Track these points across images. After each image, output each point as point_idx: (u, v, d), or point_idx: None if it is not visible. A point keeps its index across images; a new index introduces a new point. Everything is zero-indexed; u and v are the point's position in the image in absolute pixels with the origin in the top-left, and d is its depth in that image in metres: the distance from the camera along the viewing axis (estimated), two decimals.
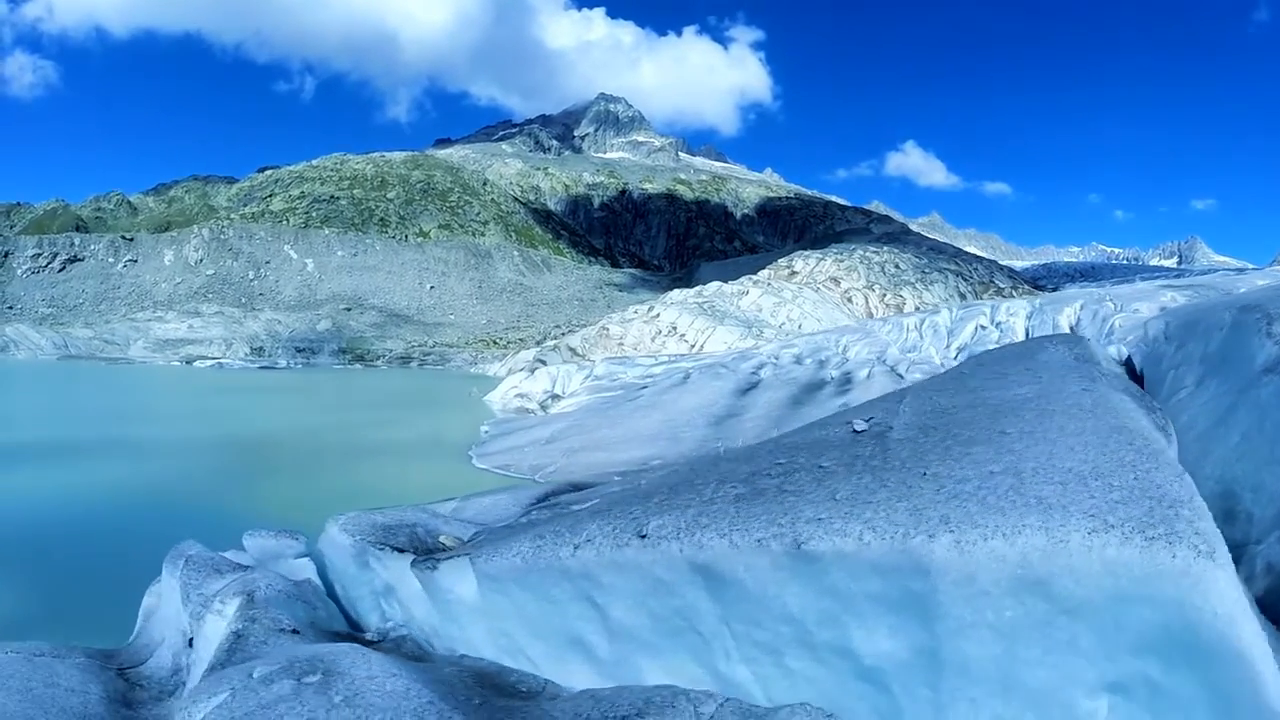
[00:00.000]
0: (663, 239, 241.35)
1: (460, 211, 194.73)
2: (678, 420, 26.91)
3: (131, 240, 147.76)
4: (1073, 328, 34.47)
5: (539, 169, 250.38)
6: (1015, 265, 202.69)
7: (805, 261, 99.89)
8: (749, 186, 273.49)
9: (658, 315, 76.46)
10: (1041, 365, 5.91)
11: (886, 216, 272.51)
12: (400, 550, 4.72)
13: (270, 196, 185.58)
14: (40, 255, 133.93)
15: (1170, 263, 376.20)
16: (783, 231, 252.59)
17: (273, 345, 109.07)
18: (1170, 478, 3.14)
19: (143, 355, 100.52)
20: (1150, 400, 6.86)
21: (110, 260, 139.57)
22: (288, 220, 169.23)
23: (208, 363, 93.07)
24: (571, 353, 74.28)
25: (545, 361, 65.24)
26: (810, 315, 78.70)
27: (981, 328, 39.92)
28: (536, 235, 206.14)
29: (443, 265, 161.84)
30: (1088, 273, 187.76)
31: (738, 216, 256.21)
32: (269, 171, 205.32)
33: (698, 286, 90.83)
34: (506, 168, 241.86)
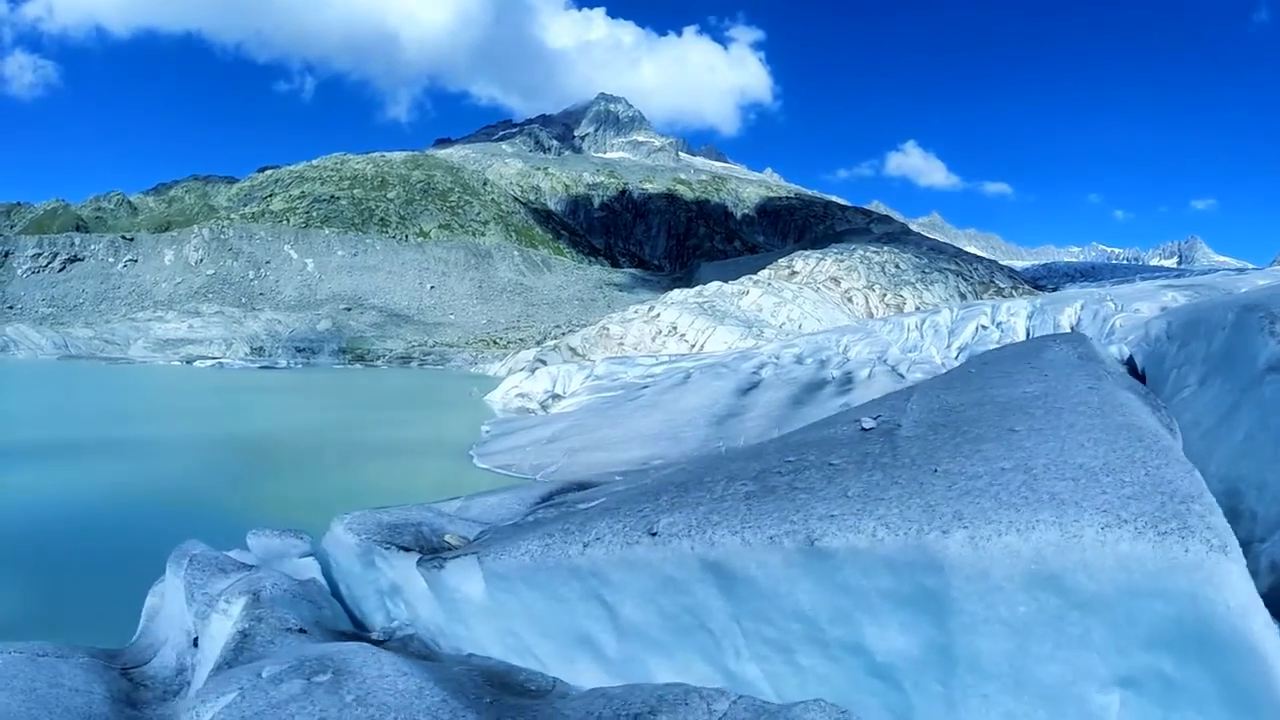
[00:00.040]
0: (663, 239, 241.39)
1: (460, 211, 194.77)
2: (679, 420, 26.89)
3: (132, 240, 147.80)
4: (1074, 327, 34.42)
5: (539, 169, 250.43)
6: (1015, 265, 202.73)
7: (805, 261, 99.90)
8: (749, 186, 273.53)
9: (658, 315, 76.46)
10: (1047, 363, 5.93)
11: (887, 216, 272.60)
12: (406, 549, 4.70)
13: (270, 196, 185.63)
14: (40, 255, 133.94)
15: (1170, 263, 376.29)
16: (783, 231, 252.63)
17: (273, 345, 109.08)
18: (1181, 473, 3.15)
19: (143, 355, 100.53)
20: (1155, 398, 6.87)
21: (110, 260, 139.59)
22: (288, 220, 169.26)
23: (208, 362, 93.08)
24: (572, 352, 74.28)
25: (545, 361, 65.24)
26: (810, 315, 78.70)
27: (982, 327, 39.89)
28: (537, 235, 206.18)
29: (443, 265, 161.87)
30: (1088, 273, 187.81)
31: (738, 216, 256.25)
32: (269, 171, 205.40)
33: (698, 286, 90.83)
34: (507, 168, 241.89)
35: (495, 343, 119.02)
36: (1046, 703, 2.91)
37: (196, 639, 4.81)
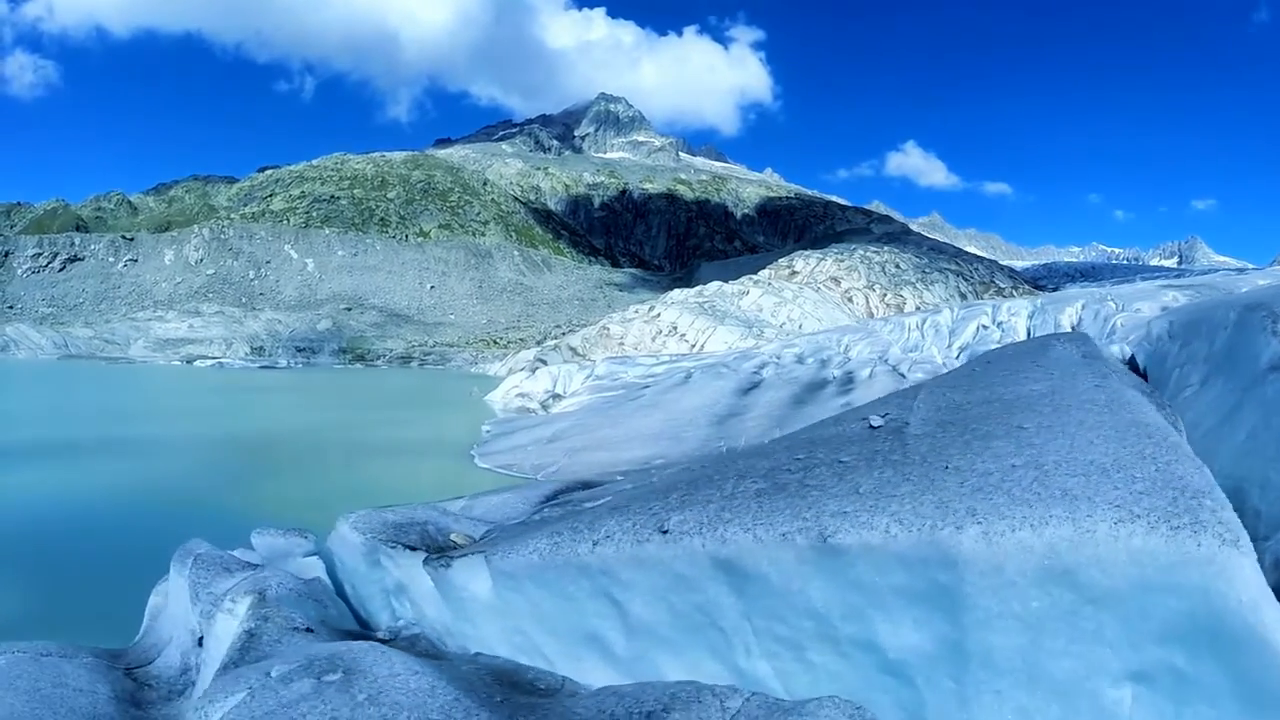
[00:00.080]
0: (663, 239, 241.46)
1: (460, 211, 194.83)
2: (680, 420, 26.89)
3: (132, 240, 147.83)
4: (1074, 327, 34.41)
5: (539, 169, 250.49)
6: (1015, 265, 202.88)
7: (806, 261, 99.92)
8: (749, 186, 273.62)
9: (658, 315, 76.46)
10: (1052, 362, 5.93)
11: (887, 216, 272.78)
12: (412, 548, 4.68)
13: (270, 196, 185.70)
14: (40, 255, 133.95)
15: (1170, 263, 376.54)
16: (783, 231, 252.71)
17: (273, 345, 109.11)
18: (1191, 469, 3.16)
19: (143, 355, 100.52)
20: (1160, 396, 6.87)
21: (110, 260, 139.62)
22: (288, 220, 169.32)
23: (208, 362, 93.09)
24: (572, 352, 74.28)
25: (546, 361, 65.24)
26: (811, 315, 78.71)
27: (983, 327, 39.90)
28: (537, 235, 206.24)
29: (443, 265, 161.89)
30: (1088, 273, 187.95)
31: (738, 216, 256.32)
32: (269, 171, 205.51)
33: (698, 286, 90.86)
34: (507, 168, 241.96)
35: (495, 343, 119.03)
36: (1059, 698, 2.92)
37: (201, 638, 4.79)
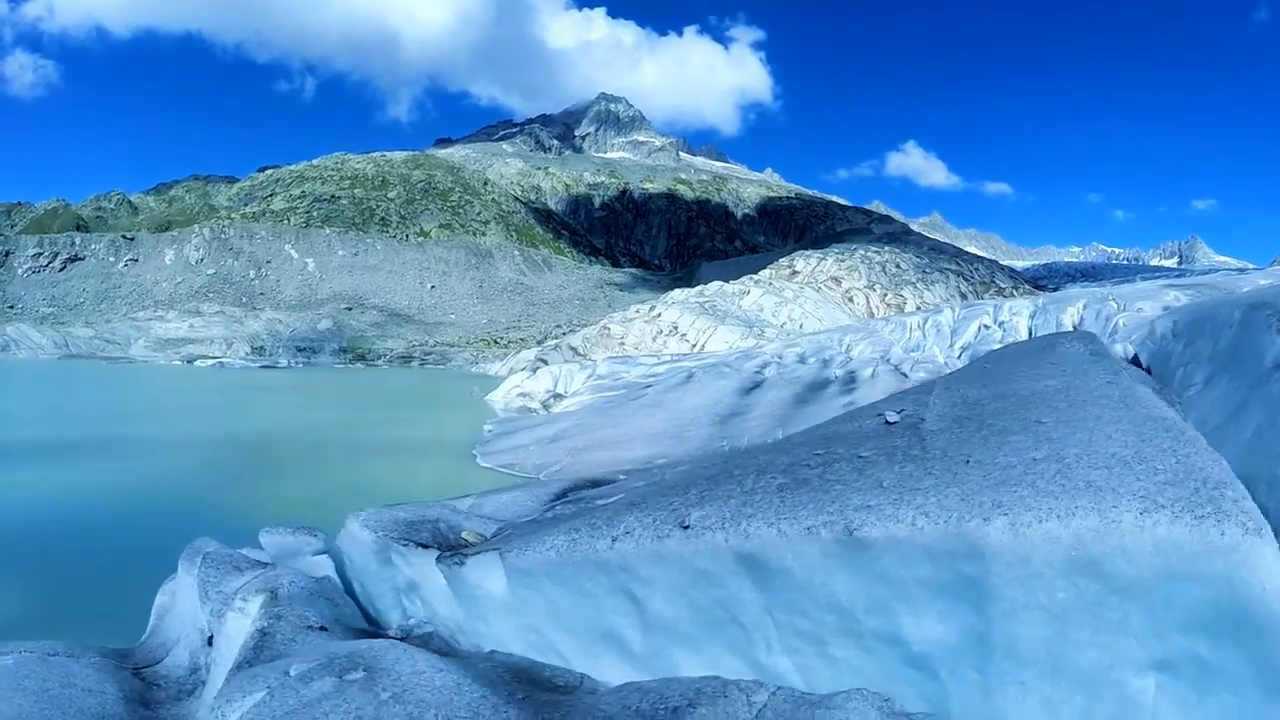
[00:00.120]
0: (663, 239, 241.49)
1: (461, 211, 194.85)
2: (682, 419, 26.85)
3: (132, 240, 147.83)
4: (1076, 326, 34.37)
5: (540, 169, 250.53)
6: (1016, 265, 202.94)
7: (806, 261, 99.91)
8: (749, 186, 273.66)
9: (659, 315, 76.43)
10: (1062, 359, 5.97)
11: (887, 216, 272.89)
12: (424, 546, 4.63)
13: (271, 196, 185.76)
14: (41, 255, 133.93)
15: (1171, 263, 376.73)
16: (783, 231, 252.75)
17: (273, 344, 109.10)
18: (1210, 461, 3.19)
19: (143, 354, 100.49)
20: (1169, 392, 6.86)
21: (111, 260, 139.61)
22: (288, 220, 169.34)
23: (209, 362, 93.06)
24: (573, 352, 74.24)
25: (547, 361, 65.19)
26: (811, 315, 78.68)
27: (985, 327, 39.87)
28: (537, 235, 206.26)
29: (443, 265, 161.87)
30: (1088, 273, 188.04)
31: (738, 216, 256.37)
32: (270, 171, 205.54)
33: (699, 286, 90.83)
34: (507, 167, 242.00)
35: (496, 342, 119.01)
36: (1083, 688, 2.93)
37: (211, 637, 4.74)
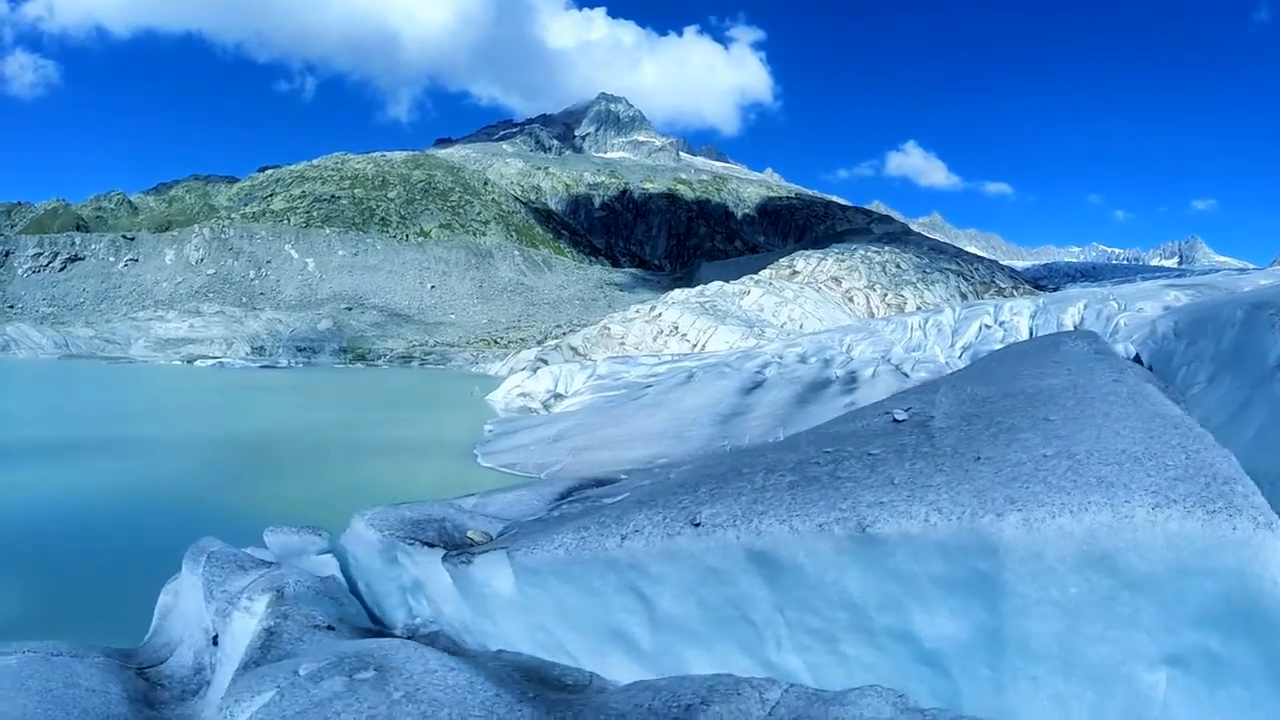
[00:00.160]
0: (663, 239, 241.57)
1: (461, 211, 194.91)
2: (683, 419, 26.83)
3: (132, 240, 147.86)
4: (1077, 326, 34.34)
5: (540, 169, 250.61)
6: (1016, 265, 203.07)
7: (806, 261, 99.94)
8: (750, 186, 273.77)
9: (659, 315, 76.43)
10: (1067, 357, 6.00)
11: (887, 216, 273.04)
12: (430, 545, 4.62)
13: (271, 196, 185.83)
14: (41, 255, 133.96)
15: (1171, 263, 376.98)
16: (783, 231, 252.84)
17: (274, 344, 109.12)
18: (1220, 457, 3.22)
19: (144, 354, 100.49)
20: (1174, 390, 6.86)
21: (111, 259, 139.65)
22: (288, 220, 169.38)
23: (209, 362, 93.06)
24: (573, 352, 74.24)
25: (547, 361, 65.19)
26: (812, 315, 78.69)
27: (986, 327, 39.84)
28: (537, 235, 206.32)
29: (443, 265, 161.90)
30: (1089, 273, 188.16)
31: (738, 216, 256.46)
32: (270, 171, 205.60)
33: (699, 286, 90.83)
34: (507, 167, 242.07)
35: (496, 342, 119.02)
36: (1095, 683, 2.95)
37: (216, 637, 4.73)
